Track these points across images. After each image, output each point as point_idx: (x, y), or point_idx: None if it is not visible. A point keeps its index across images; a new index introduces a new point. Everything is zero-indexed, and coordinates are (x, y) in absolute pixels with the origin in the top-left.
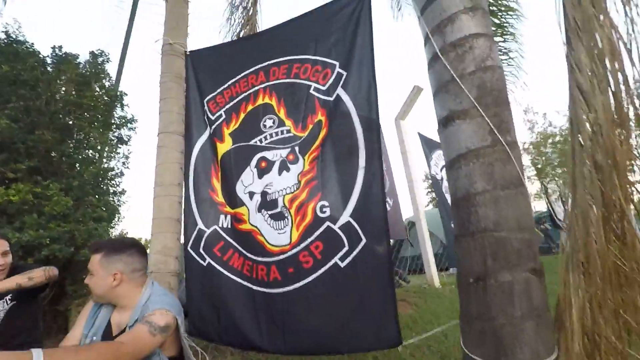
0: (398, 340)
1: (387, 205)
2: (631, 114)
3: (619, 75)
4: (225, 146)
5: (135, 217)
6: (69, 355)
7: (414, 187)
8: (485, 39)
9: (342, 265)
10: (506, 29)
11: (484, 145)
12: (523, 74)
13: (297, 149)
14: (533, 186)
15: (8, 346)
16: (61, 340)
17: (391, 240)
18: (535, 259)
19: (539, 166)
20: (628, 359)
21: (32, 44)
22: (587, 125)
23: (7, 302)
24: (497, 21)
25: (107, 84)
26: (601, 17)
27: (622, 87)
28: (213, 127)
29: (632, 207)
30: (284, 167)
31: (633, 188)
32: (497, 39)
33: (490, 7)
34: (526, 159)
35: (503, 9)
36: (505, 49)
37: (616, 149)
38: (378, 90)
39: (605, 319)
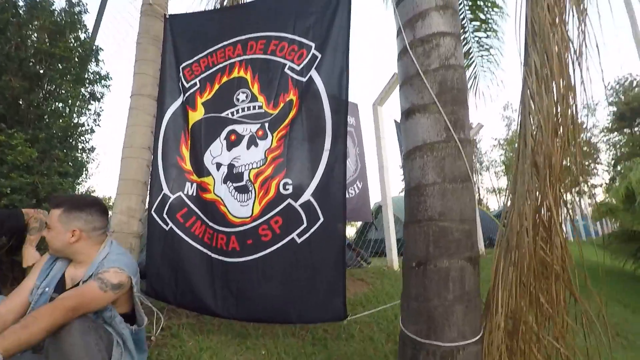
0: (344, 315)
1: (357, 188)
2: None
3: (563, 82)
4: (197, 115)
5: (105, 176)
6: (19, 334)
7: (384, 173)
8: (451, 38)
9: (299, 241)
10: (490, 25)
11: (439, 140)
12: (502, 71)
13: (266, 125)
14: (500, 181)
15: None
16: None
17: (358, 223)
18: (473, 248)
19: (506, 163)
20: (544, 341)
21: None
22: (531, 128)
23: None
24: (482, 16)
25: (82, 36)
26: (557, 24)
27: (570, 96)
28: (187, 94)
29: (564, 207)
30: (252, 142)
31: (564, 190)
32: (480, 34)
33: (477, 2)
34: (498, 154)
35: (489, 4)
36: (487, 45)
37: (553, 153)
38: (350, 75)
39: (526, 304)
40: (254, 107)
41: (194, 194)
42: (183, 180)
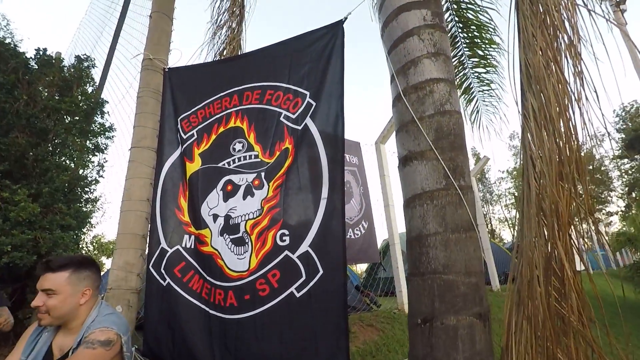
0: None
1: (362, 228)
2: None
3: (563, 125)
4: (194, 166)
5: (113, 224)
6: None
7: (389, 211)
8: (445, 84)
9: (298, 295)
10: (489, 61)
11: (438, 188)
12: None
13: (263, 174)
14: (510, 214)
15: None
16: None
17: (365, 265)
18: (481, 303)
19: (516, 194)
20: None
21: (16, 45)
22: (534, 172)
23: None
24: (480, 52)
25: (89, 89)
26: (551, 67)
27: (572, 137)
28: (184, 146)
29: (575, 254)
30: (248, 192)
31: (575, 237)
32: (479, 70)
33: (475, 39)
34: (505, 186)
35: (486, 41)
36: (488, 80)
37: (559, 199)
38: (348, 118)
39: None
40: (250, 157)
41: (192, 247)
42: (181, 232)
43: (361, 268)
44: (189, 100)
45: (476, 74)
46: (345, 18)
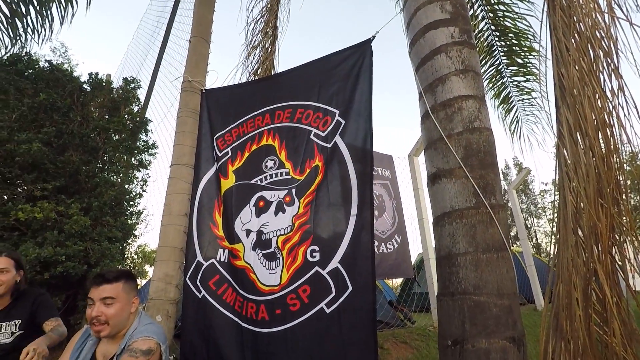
0: None
1: (395, 242)
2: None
3: (602, 142)
4: (228, 182)
5: (156, 235)
6: None
7: (423, 225)
8: (474, 101)
9: (328, 311)
10: (528, 69)
11: (468, 207)
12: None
13: (293, 191)
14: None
15: None
16: None
17: (399, 279)
18: (515, 326)
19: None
20: None
21: (72, 70)
22: (571, 190)
23: (15, 326)
24: (519, 60)
25: (135, 108)
26: (587, 79)
27: (611, 154)
28: (219, 163)
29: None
30: (280, 208)
31: (618, 259)
32: (519, 78)
33: (513, 47)
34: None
35: (525, 49)
36: (528, 88)
37: (599, 220)
38: (378, 135)
39: None
40: (282, 174)
41: (226, 261)
42: (216, 246)
43: (397, 282)
44: (224, 119)
45: (515, 83)
46: (374, 37)
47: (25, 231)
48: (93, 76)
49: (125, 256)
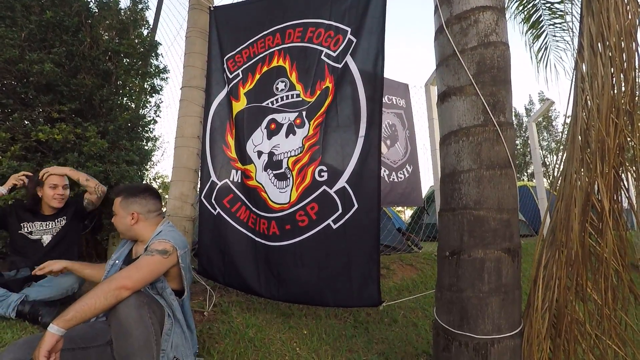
0: (378, 301)
1: (406, 171)
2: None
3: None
4: (240, 105)
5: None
6: (80, 308)
7: (436, 155)
8: (492, 12)
9: (335, 227)
10: None
11: (475, 124)
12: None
13: (304, 113)
14: None
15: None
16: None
17: (411, 209)
18: (512, 239)
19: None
20: (592, 337)
21: None
22: (585, 105)
23: (62, 220)
24: None
25: (145, 32)
26: None
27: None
28: (230, 85)
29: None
30: (291, 130)
31: (619, 175)
32: None
33: None
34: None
35: None
36: (561, 11)
37: (607, 136)
38: (390, 58)
39: (573, 299)
40: (293, 96)
41: (239, 181)
42: (229, 167)
43: (408, 215)
44: (234, 39)
45: (548, 5)
46: None
47: (47, 153)
48: None
49: (143, 181)
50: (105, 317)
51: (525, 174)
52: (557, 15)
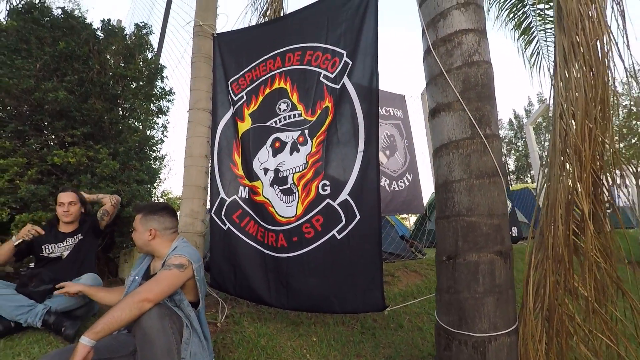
0: (382, 306)
1: (406, 180)
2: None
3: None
4: (245, 125)
5: (177, 179)
6: (107, 320)
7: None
8: (474, 34)
9: (339, 237)
10: None
11: (464, 137)
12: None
13: (306, 132)
14: None
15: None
16: (111, 282)
17: (414, 216)
18: (503, 242)
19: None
20: (583, 332)
21: (84, 17)
22: (562, 112)
23: (79, 236)
24: None
25: (149, 55)
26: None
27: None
28: (235, 107)
29: (601, 194)
30: (294, 148)
31: (602, 174)
32: (541, 6)
33: None
34: None
35: None
36: (551, 17)
37: (583, 140)
38: (383, 75)
39: (563, 296)
40: (294, 116)
41: (247, 197)
42: (237, 184)
43: (411, 222)
44: (237, 63)
45: (537, 11)
46: None
47: (61, 175)
48: (106, 22)
49: (152, 199)
50: (127, 330)
51: (529, 175)
52: (548, 21)
